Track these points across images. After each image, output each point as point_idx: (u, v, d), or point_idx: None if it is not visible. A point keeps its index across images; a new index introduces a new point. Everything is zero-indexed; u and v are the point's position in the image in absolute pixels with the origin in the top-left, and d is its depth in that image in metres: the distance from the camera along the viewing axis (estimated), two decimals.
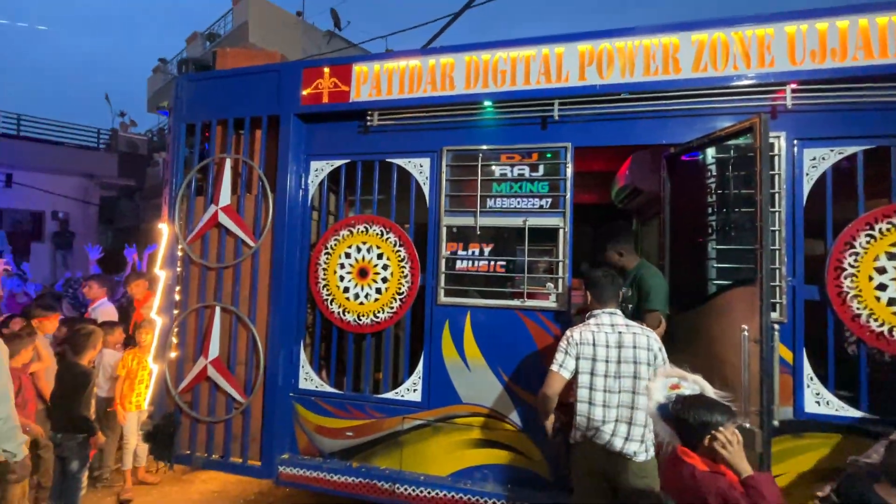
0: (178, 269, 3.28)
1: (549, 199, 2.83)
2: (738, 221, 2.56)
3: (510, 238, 3.04)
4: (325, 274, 3.15)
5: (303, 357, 3.18)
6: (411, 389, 2.97)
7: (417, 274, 2.99)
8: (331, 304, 3.12)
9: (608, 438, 2.12)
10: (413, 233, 3.07)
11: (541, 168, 2.87)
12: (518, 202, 2.90)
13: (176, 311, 3.28)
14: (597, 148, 2.81)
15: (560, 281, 2.75)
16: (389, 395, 3.01)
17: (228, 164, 3.25)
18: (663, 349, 2.20)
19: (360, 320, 3.06)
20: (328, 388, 3.12)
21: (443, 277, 2.94)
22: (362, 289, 3.08)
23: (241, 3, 11.68)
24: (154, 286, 3.78)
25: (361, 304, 3.07)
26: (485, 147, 2.93)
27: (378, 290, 3.05)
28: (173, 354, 3.24)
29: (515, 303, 2.84)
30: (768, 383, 2.09)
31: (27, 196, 11.39)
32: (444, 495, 2.76)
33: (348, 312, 3.09)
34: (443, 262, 2.96)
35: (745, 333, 2.18)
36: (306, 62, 3.27)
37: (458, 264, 3.03)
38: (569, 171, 2.77)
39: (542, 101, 2.79)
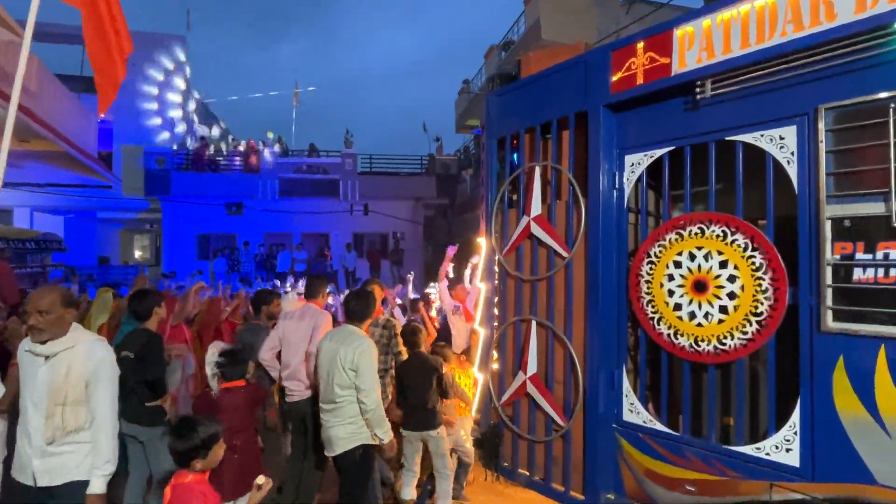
0: (496, 282, 3.64)
1: None
2: None
3: None
4: (648, 287, 2.87)
5: (626, 384, 2.97)
6: (782, 447, 2.38)
7: (784, 288, 2.38)
8: (657, 324, 2.82)
9: None
10: (773, 232, 2.48)
11: None
12: None
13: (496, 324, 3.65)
14: None
15: None
16: (747, 449, 2.48)
17: (537, 172, 3.39)
18: None
19: (699, 346, 2.64)
20: (659, 426, 2.80)
21: (829, 293, 2.24)
22: (700, 306, 2.65)
23: (532, 1, 11.94)
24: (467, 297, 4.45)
25: (699, 325, 2.64)
26: None
27: (723, 309, 2.56)
28: (495, 366, 3.59)
29: None
30: None
31: (378, 220, 15.89)
32: None
33: (681, 335, 2.71)
34: (828, 270, 2.25)
35: None
36: (614, 44, 3.11)
37: (859, 274, 2.22)
38: None
39: None
